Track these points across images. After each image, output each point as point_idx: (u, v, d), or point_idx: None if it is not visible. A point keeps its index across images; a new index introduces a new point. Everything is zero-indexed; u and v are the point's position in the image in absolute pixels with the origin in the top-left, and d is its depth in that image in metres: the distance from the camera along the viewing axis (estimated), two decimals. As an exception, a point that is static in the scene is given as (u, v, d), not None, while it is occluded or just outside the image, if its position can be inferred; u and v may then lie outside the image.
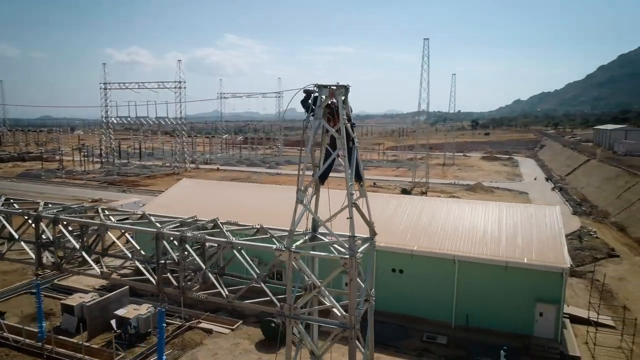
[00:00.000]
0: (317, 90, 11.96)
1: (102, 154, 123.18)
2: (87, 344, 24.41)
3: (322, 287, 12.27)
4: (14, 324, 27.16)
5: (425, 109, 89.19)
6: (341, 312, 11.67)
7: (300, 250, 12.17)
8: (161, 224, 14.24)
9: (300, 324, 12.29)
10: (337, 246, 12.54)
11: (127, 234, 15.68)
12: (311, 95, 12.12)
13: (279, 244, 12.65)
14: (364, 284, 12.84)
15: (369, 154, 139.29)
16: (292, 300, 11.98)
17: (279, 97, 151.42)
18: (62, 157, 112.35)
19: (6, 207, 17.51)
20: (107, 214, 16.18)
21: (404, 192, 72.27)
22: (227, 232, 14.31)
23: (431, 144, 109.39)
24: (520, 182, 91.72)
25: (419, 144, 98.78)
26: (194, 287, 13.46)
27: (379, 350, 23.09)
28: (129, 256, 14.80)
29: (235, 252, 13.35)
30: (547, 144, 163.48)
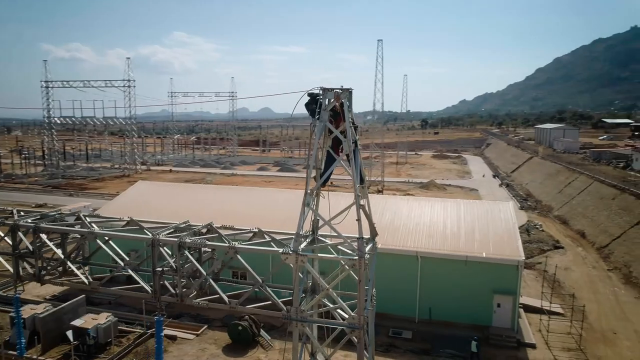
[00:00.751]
0: (322, 93, 11.98)
1: (45, 156, 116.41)
2: (41, 359, 23.06)
3: (330, 290, 12.22)
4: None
5: (378, 109, 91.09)
6: (349, 313, 11.74)
7: (307, 252, 12.12)
8: (152, 230, 13.68)
9: (306, 327, 12.23)
10: (341, 247, 12.58)
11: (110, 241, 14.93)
12: (316, 98, 12.12)
13: (278, 247, 12.54)
14: (367, 285, 12.91)
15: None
16: (299, 302, 11.92)
17: (233, 97, 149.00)
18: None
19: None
20: (90, 221, 15.32)
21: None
22: (225, 236, 13.99)
23: (384, 143, 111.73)
24: (470, 179, 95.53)
25: (373, 142, 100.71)
26: (190, 294, 13.02)
27: (346, 348, 23.30)
28: (120, 264, 14.07)
29: (239, 257, 13.01)
30: (493, 143, 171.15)
